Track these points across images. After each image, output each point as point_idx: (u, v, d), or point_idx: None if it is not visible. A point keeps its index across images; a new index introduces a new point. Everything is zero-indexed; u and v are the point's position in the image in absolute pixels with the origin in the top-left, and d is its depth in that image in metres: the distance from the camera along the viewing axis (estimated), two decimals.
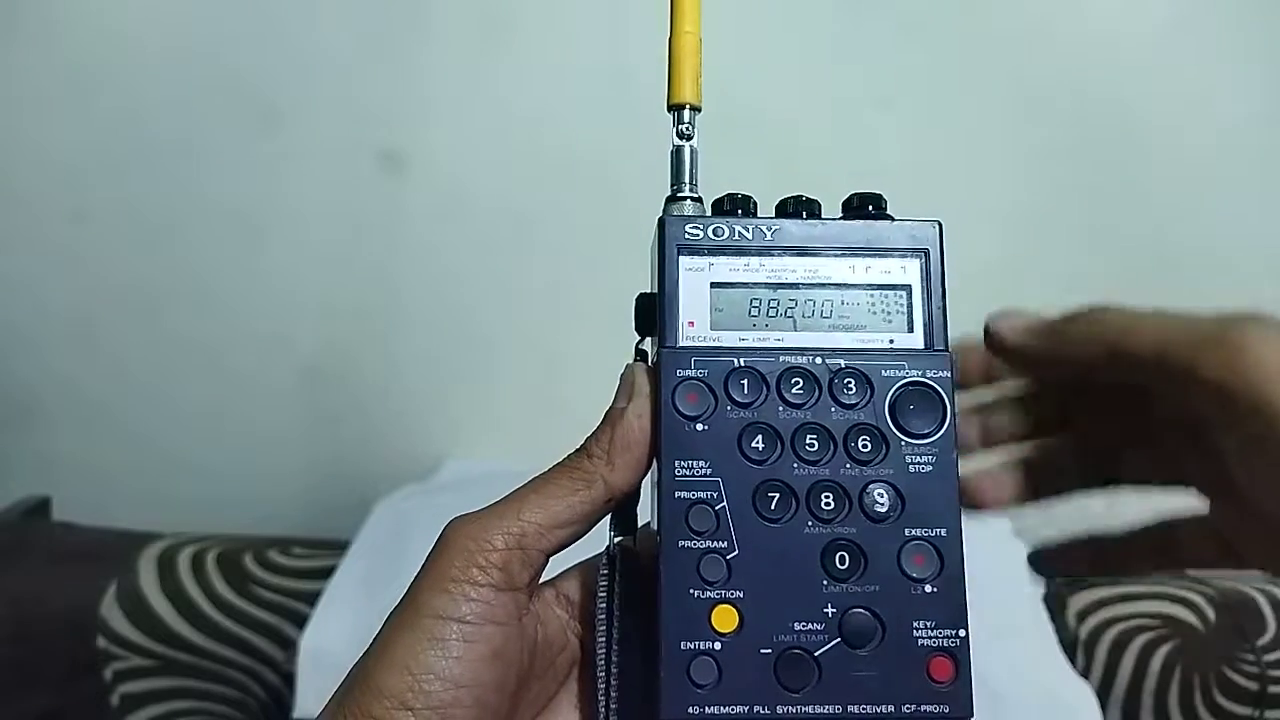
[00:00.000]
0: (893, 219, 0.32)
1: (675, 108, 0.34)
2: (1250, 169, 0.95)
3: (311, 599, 0.75)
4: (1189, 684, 0.79)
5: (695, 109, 0.34)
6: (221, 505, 0.94)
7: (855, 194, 0.33)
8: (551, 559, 0.30)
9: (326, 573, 0.77)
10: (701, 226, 0.32)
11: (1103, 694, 0.77)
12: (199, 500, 0.94)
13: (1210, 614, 0.81)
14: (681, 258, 0.32)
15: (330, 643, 0.71)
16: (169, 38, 0.90)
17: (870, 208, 0.32)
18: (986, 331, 0.35)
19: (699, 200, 0.34)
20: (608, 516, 0.31)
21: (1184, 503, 0.35)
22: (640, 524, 0.33)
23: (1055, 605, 0.80)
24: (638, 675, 0.30)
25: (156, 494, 0.94)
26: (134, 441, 0.96)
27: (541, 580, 0.31)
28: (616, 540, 0.32)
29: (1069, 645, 0.78)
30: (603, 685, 0.30)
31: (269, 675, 0.76)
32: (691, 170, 0.34)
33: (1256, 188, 0.95)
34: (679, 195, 0.34)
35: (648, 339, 0.34)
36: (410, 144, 0.92)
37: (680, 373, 0.30)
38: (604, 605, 0.31)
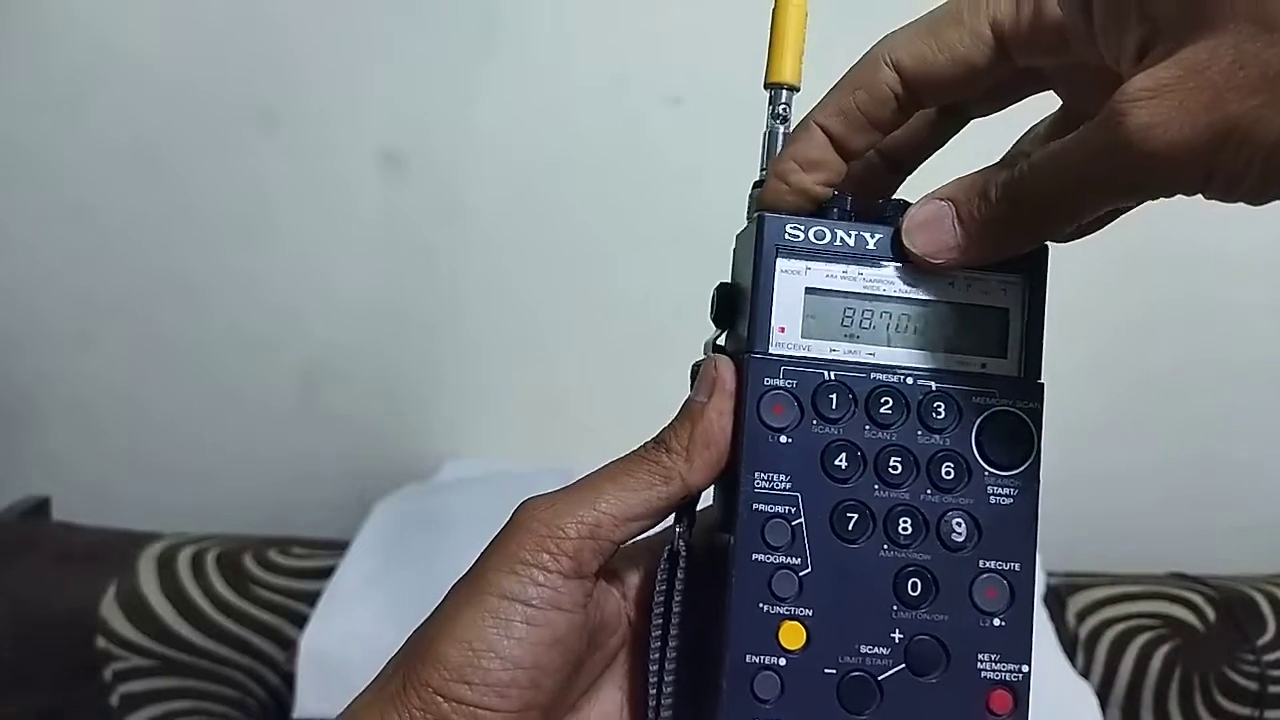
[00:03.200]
0: None
1: (773, 86, 0.32)
2: None
3: (311, 599, 0.75)
4: (1189, 684, 0.79)
5: (794, 89, 0.32)
6: (221, 505, 0.94)
7: None
8: None
9: (326, 573, 0.77)
10: (802, 228, 0.30)
11: (1103, 694, 0.77)
12: (199, 500, 0.94)
13: (1210, 614, 0.81)
14: (779, 259, 0.30)
15: (330, 643, 0.71)
16: (169, 38, 0.90)
17: None
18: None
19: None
20: None
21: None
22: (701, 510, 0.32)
23: (1055, 605, 0.80)
24: (687, 668, 0.30)
25: (156, 494, 0.94)
26: (134, 441, 0.96)
27: None
28: (679, 534, 0.32)
29: (1069, 645, 0.78)
30: (654, 681, 0.30)
31: (269, 675, 0.76)
32: None
33: None
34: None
35: (723, 334, 0.33)
36: (410, 144, 0.92)
37: (769, 381, 0.29)
38: (662, 601, 0.31)
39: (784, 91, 0.32)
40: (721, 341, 0.33)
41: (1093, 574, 0.85)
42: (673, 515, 0.31)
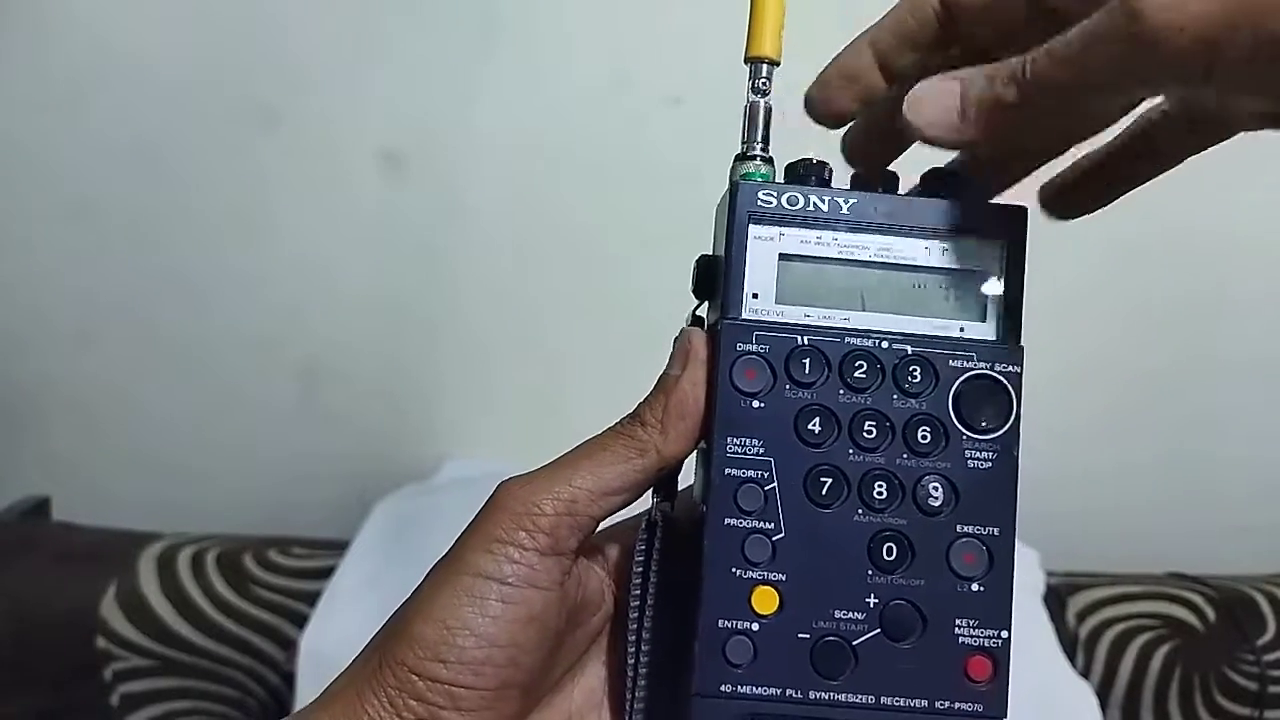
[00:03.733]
0: (974, 199, 0.31)
1: (753, 60, 0.32)
2: (1253, 167, 0.95)
3: (311, 599, 0.75)
4: (1189, 684, 0.79)
5: (774, 64, 0.32)
6: (221, 505, 0.94)
7: (935, 168, 0.31)
8: None
9: (326, 573, 0.77)
10: (775, 194, 0.30)
11: (1103, 694, 0.77)
12: (199, 500, 0.94)
13: (1210, 614, 0.81)
14: (751, 225, 0.30)
15: (330, 643, 0.71)
16: (168, 37, 0.90)
17: (952, 185, 0.31)
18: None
19: (770, 161, 0.32)
20: None
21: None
22: (680, 487, 0.32)
23: (1055, 605, 0.80)
24: (669, 641, 0.30)
25: (156, 494, 0.94)
26: (134, 441, 0.96)
27: None
28: (657, 504, 0.32)
29: (1069, 645, 0.78)
30: (633, 650, 0.30)
31: (269, 675, 0.76)
32: (765, 129, 0.32)
33: (1260, 185, 0.95)
34: (749, 154, 0.32)
35: (704, 305, 0.33)
36: (410, 144, 0.92)
37: (740, 347, 0.29)
38: (640, 570, 0.31)
39: (764, 65, 0.32)
40: (703, 313, 0.33)
41: (1093, 574, 0.85)
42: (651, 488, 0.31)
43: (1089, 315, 0.93)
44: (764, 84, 0.32)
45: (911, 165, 0.32)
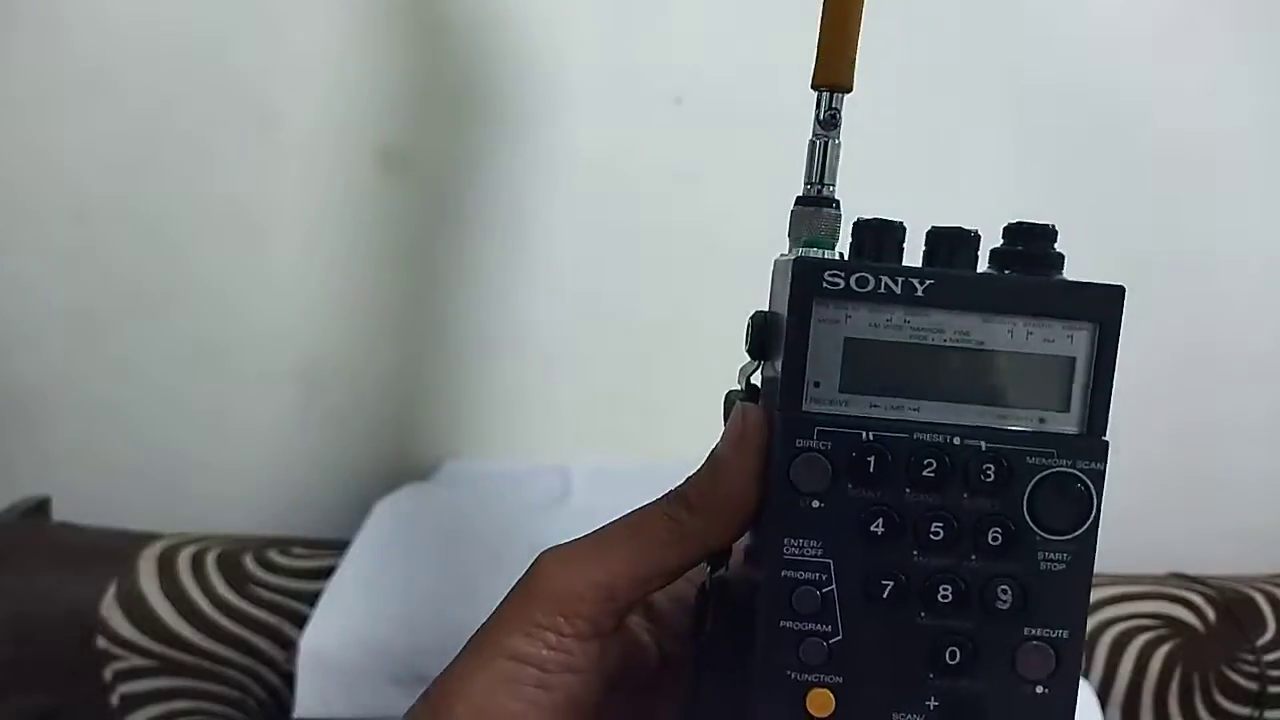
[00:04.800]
0: (1061, 267, 0.28)
1: (823, 88, 0.29)
2: (1252, 168, 0.95)
3: (311, 599, 0.75)
4: (1189, 684, 0.79)
5: (846, 91, 0.29)
6: (221, 505, 0.94)
7: (1019, 224, 0.29)
8: None
9: (326, 573, 0.77)
10: (843, 275, 0.27)
11: (1103, 694, 0.77)
12: (199, 500, 0.94)
13: (1210, 614, 0.81)
14: (816, 307, 0.27)
15: (330, 643, 0.71)
16: (168, 37, 0.89)
17: (1040, 250, 0.28)
18: None
19: (836, 205, 0.29)
20: None
21: None
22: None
23: None
24: (728, 706, 0.29)
25: (156, 494, 0.94)
26: (134, 441, 0.96)
27: None
28: (711, 574, 0.31)
29: None
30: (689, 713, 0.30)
31: (269, 675, 0.76)
32: (832, 167, 0.29)
33: (1258, 187, 0.95)
34: (815, 196, 0.30)
35: (758, 366, 0.31)
36: (410, 143, 0.92)
37: (800, 443, 0.27)
38: (696, 642, 0.30)
39: (835, 95, 0.29)
40: (756, 379, 0.31)
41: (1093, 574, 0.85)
42: None
43: None
44: (833, 116, 0.29)
45: (987, 218, 0.30)
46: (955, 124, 0.92)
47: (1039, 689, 0.28)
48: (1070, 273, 0.30)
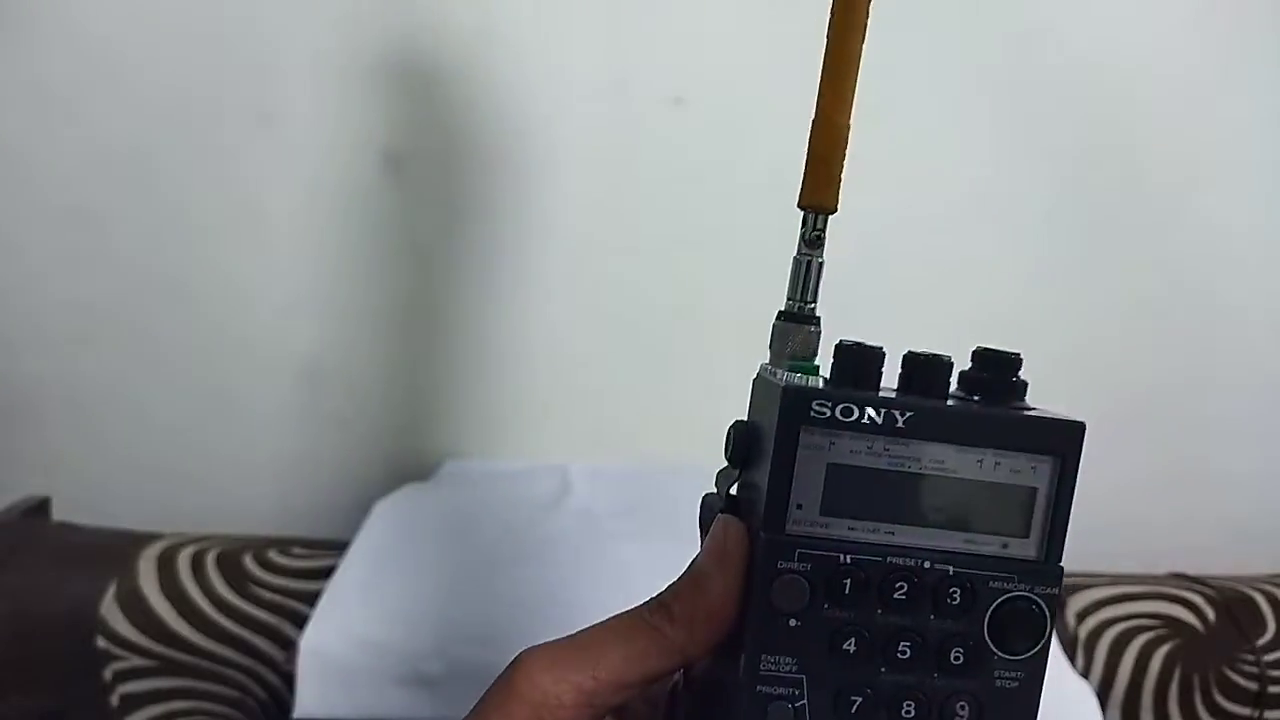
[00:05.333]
0: (1024, 394, 0.30)
1: (808, 209, 0.30)
2: (1252, 169, 0.95)
3: (311, 599, 0.75)
4: (1189, 684, 0.79)
5: (830, 213, 0.30)
6: (221, 505, 0.94)
7: (988, 352, 0.30)
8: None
9: (326, 573, 0.77)
10: (829, 405, 0.29)
11: (1103, 694, 0.77)
12: (199, 500, 0.94)
13: (1210, 614, 0.81)
14: (802, 434, 0.29)
15: (330, 643, 0.71)
16: (168, 37, 0.89)
17: (1005, 380, 0.30)
18: None
19: (817, 322, 0.31)
20: None
21: None
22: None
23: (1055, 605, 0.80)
24: None
25: (156, 494, 0.94)
26: (134, 441, 0.96)
27: None
28: (682, 675, 0.32)
29: (1069, 645, 0.78)
30: None
31: (269, 675, 0.76)
32: (816, 285, 0.31)
33: (1260, 192, 0.95)
34: (795, 313, 0.31)
35: (736, 477, 0.32)
36: (410, 144, 0.92)
37: (782, 565, 0.29)
38: None
39: (819, 216, 0.30)
40: (734, 489, 0.32)
41: (1093, 574, 0.85)
42: None
43: (1089, 315, 0.93)
44: (819, 236, 0.30)
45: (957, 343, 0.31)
46: (955, 127, 0.92)
47: None
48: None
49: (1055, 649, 0.76)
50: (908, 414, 0.29)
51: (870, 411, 0.29)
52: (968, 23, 0.91)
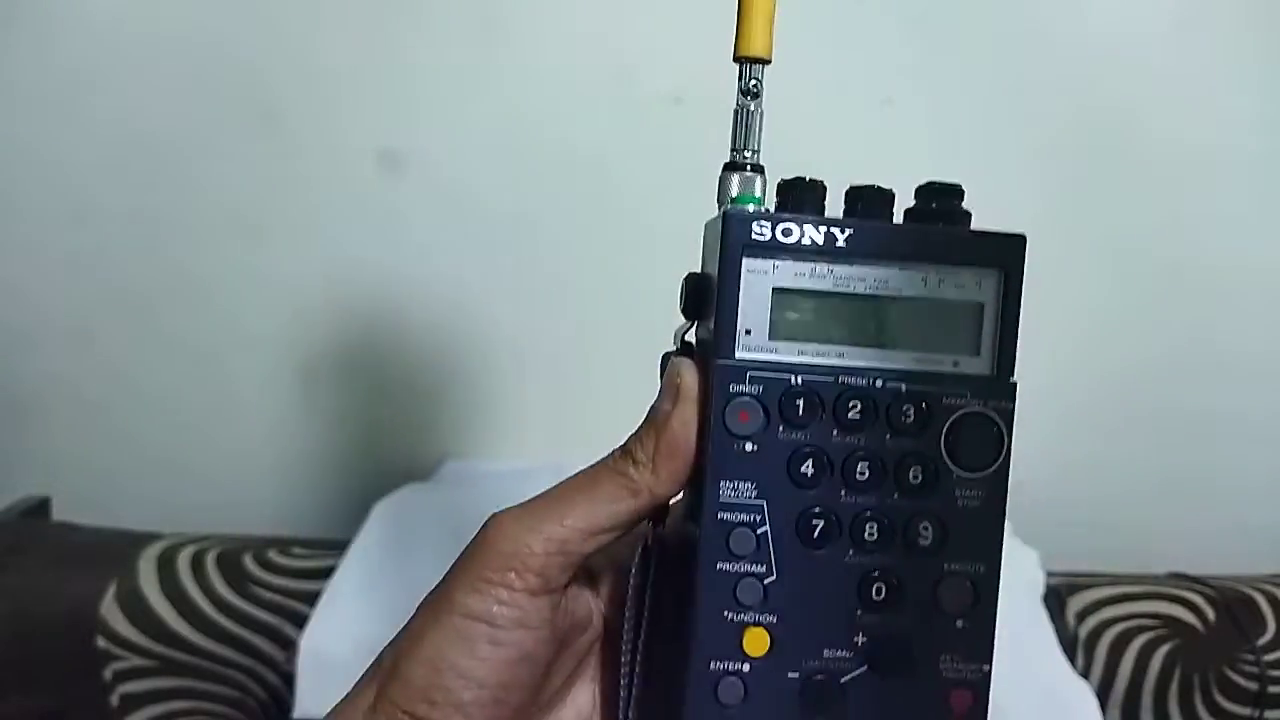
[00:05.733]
0: (969, 223, 0.30)
1: (743, 60, 0.31)
2: (1252, 171, 0.95)
3: (311, 599, 0.75)
4: (1189, 684, 0.79)
5: (765, 63, 0.31)
6: (221, 505, 0.94)
7: (933, 184, 0.30)
8: None
9: (326, 573, 0.77)
10: (769, 226, 0.29)
11: (1103, 694, 0.77)
12: (199, 500, 0.94)
13: (1210, 614, 0.81)
14: (745, 259, 0.29)
15: (330, 643, 0.71)
16: (167, 37, 0.89)
17: (948, 206, 0.30)
18: None
19: (760, 169, 0.31)
20: None
21: None
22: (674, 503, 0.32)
23: (1055, 605, 0.80)
24: (660, 663, 0.30)
25: (156, 494, 0.94)
26: (134, 441, 0.96)
27: None
28: (652, 529, 0.32)
29: (1069, 645, 0.78)
30: (626, 673, 0.30)
31: (269, 675, 0.76)
32: (756, 134, 0.31)
33: (1259, 190, 0.95)
34: (740, 162, 0.31)
35: (693, 326, 0.32)
36: (410, 143, 0.92)
37: (734, 389, 0.29)
38: (635, 595, 0.31)
39: (755, 66, 0.31)
40: (690, 336, 0.32)
41: (1093, 574, 0.85)
42: None
43: (1091, 313, 0.93)
44: (755, 85, 0.31)
45: (909, 181, 0.31)
46: (954, 124, 0.92)
47: (959, 622, 0.29)
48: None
49: (1055, 649, 0.76)
50: (848, 232, 0.29)
51: (810, 231, 0.29)
52: (966, 23, 0.91)
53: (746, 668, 0.29)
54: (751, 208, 0.31)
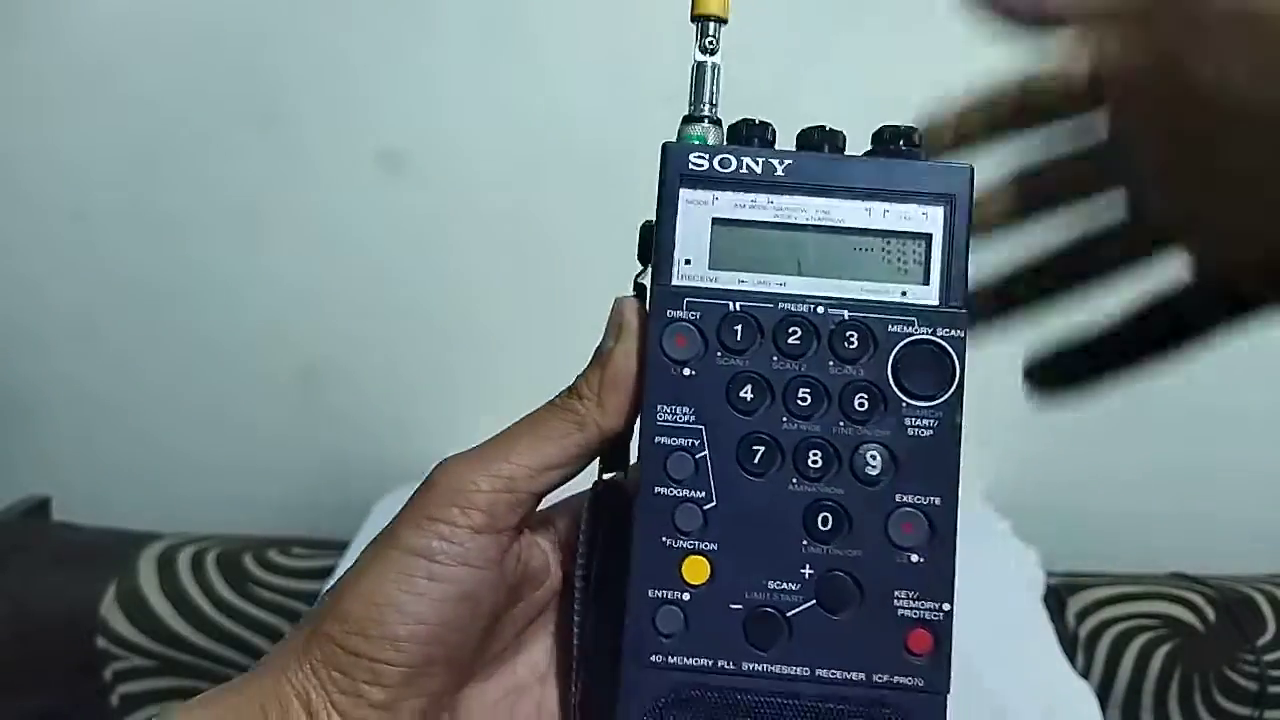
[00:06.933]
0: (920, 159, 0.30)
1: (700, 19, 0.31)
2: None
3: (311, 599, 0.75)
4: (1189, 684, 0.79)
5: (722, 21, 0.31)
6: (221, 505, 0.94)
7: (888, 126, 0.30)
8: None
9: (326, 573, 0.77)
10: (707, 156, 0.29)
11: (1103, 694, 0.77)
12: (199, 500, 0.94)
13: (1210, 614, 0.81)
14: (683, 189, 0.30)
15: None
16: (170, 37, 0.90)
17: (902, 144, 0.30)
18: None
19: (718, 123, 0.31)
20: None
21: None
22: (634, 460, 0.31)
23: (1055, 605, 0.80)
24: (617, 614, 0.29)
25: (157, 494, 0.94)
26: (134, 441, 0.96)
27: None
28: (603, 476, 0.31)
29: (1069, 645, 0.78)
30: (579, 622, 0.30)
31: None
32: (713, 89, 0.31)
33: None
34: (697, 115, 0.31)
35: (647, 272, 0.32)
36: (410, 143, 0.92)
37: (671, 313, 0.29)
38: (586, 542, 0.30)
39: (712, 23, 0.31)
40: (645, 280, 0.32)
41: (1093, 574, 0.85)
42: (598, 460, 0.31)
43: (1088, 313, 0.93)
44: (712, 43, 0.31)
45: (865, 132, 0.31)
46: None
47: (914, 557, 0.28)
48: None
49: (1055, 649, 0.76)
50: (786, 163, 0.29)
51: (749, 161, 0.29)
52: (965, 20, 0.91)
53: (686, 596, 0.28)
54: (693, 143, 0.31)
